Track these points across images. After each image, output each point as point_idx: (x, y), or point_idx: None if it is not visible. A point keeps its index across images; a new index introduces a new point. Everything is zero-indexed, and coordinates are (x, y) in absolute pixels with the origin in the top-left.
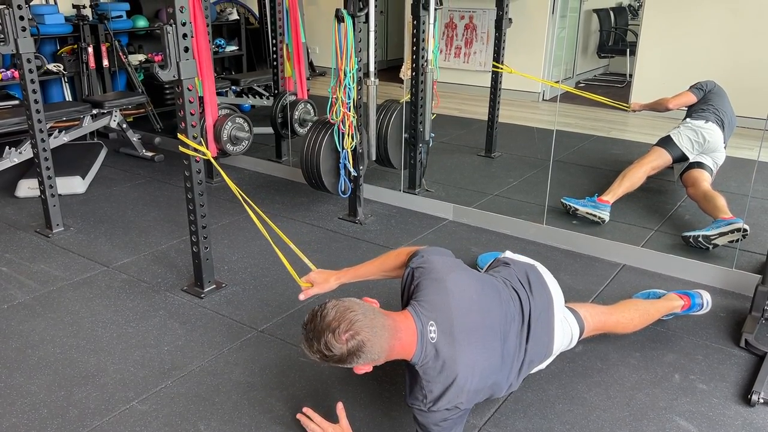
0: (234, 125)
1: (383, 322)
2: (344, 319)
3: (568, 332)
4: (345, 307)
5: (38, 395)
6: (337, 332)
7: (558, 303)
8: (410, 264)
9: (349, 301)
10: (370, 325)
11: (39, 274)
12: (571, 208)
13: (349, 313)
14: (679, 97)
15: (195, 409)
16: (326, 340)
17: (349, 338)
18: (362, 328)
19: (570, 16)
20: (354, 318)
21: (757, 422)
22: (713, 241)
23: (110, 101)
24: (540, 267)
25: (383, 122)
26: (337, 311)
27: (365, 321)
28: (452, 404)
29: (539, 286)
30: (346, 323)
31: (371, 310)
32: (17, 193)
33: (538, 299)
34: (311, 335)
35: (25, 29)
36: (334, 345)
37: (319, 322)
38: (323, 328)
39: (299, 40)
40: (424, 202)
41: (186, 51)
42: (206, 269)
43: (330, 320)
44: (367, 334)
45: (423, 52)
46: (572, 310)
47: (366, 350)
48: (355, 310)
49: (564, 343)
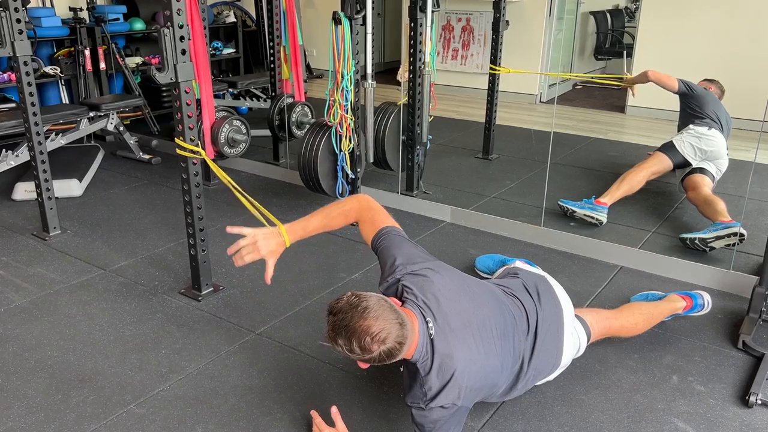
0: (231, 128)
1: (410, 332)
2: (383, 330)
3: (576, 342)
4: (383, 314)
5: (35, 399)
6: (375, 338)
7: (568, 315)
8: (396, 273)
9: (384, 305)
10: (401, 335)
11: (36, 278)
12: (569, 210)
13: (386, 324)
14: (664, 75)
15: (193, 413)
16: (361, 344)
17: (382, 344)
18: (395, 339)
19: (567, 19)
20: (390, 329)
21: (754, 423)
22: (710, 244)
23: (107, 104)
24: (551, 279)
25: (381, 124)
26: (375, 316)
27: (400, 333)
28: (449, 401)
29: (549, 297)
30: (385, 334)
31: (404, 319)
32: (14, 196)
33: (547, 310)
34: (343, 330)
35: (22, 32)
36: (366, 349)
37: (356, 319)
38: (359, 330)
39: (296, 42)
40: (421, 204)
41: (183, 53)
42: (204, 272)
43: (368, 325)
44: (397, 344)
45: (420, 54)
46: (579, 318)
47: (392, 357)
48: (392, 321)
49: (573, 353)
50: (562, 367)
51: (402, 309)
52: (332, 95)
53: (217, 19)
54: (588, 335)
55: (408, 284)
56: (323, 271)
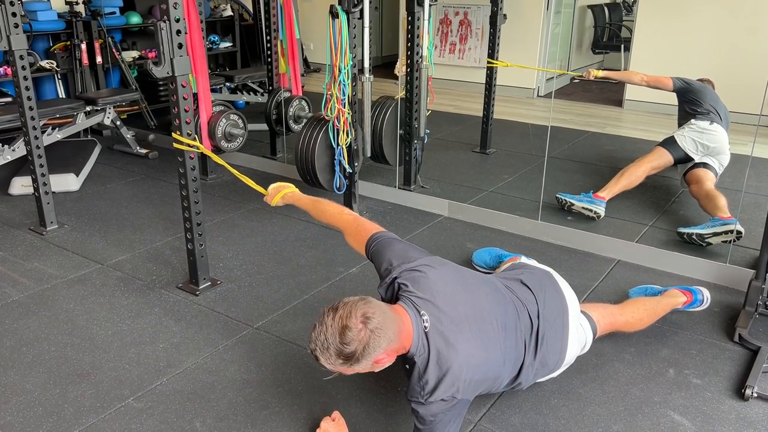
0: (228, 122)
1: (391, 317)
2: (359, 314)
3: (582, 338)
4: (349, 301)
5: (33, 393)
6: (355, 321)
7: (573, 311)
8: (392, 273)
9: (353, 299)
10: (380, 316)
11: (33, 272)
12: (567, 203)
13: (366, 308)
14: (657, 76)
15: (191, 407)
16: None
17: (364, 323)
18: (376, 320)
19: (564, 12)
20: (367, 310)
21: (750, 416)
22: (707, 239)
23: (104, 98)
24: (555, 274)
25: (378, 119)
26: (343, 306)
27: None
28: (448, 394)
29: (553, 291)
30: (363, 317)
31: (381, 307)
32: (11, 191)
33: (551, 304)
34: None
35: (18, 26)
36: (351, 328)
37: (330, 340)
38: (336, 327)
39: (293, 36)
40: (419, 199)
41: (180, 47)
42: (201, 266)
43: (341, 316)
44: (378, 324)
45: (418, 48)
46: (586, 315)
47: (373, 343)
48: (366, 305)
49: (578, 349)
50: (567, 364)
51: (391, 307)
52: (329, 89)
53: (213, 12)
54: (594, 332)
55: (403, 281)
56: (321, 266)
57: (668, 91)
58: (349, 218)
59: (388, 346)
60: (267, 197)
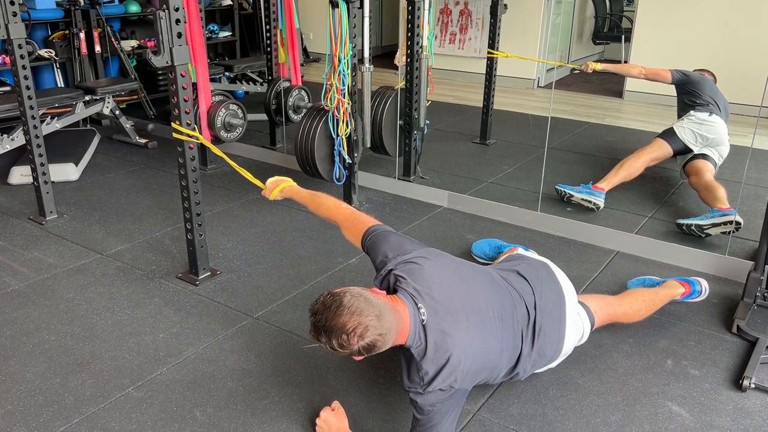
0: (228, 112)
1: (391, 321)
2: (359, 325)
3: (580, 329)
4: (357, 309)
5: (33, 382)
6: (351, 335)
7: (570, 301)
8: (388, 265)
9: (359, 299)
10: (379, 326)
11: (33, 262)
12: (566, 194)
13: (362, 318)
14: (655, 69)
15: (191, 396)
16: (339, 342)
17: (360, 339)
18: (374, 331)
19: (565, 2)
20: (367, 323)
21: (748, 407)
22: (706, 230)
23: (103, 87)
24: (552, 265)
25: (378, 109)
26: (350, 312)
27: (377, 324)
28: (446, 383)
29: (550, 282)
30: (362, 329)
31: (383, 309)
32: (10, 180)
33: (548, 294)
34: (322, 330)
35: (16, 14)
36: (345, 346)
37: (331, 318)
38: (335, 328)
39: (293, 25)
40: (418, 190)
41: (179, 37)
42: (201, 256)
43: (343, 322)
44: (378, 336)
45: (418, 38)
46: (583, 305)
47: (376, 349)
48: (367, 314)
49: (576, 340)
50: (565, 354)
51: (388, 298)
52: (329, 79)
53: (213, 2)
54: (592, 322)
55: (399, 273)
56: (320, 256)
57: (667, 84)
58: (346, 212)
59: (390, 341)
60: (265, 191)
